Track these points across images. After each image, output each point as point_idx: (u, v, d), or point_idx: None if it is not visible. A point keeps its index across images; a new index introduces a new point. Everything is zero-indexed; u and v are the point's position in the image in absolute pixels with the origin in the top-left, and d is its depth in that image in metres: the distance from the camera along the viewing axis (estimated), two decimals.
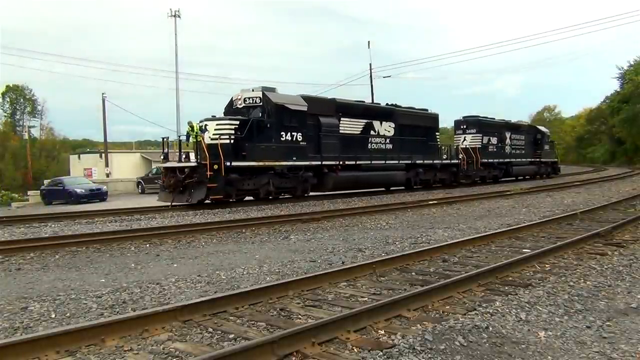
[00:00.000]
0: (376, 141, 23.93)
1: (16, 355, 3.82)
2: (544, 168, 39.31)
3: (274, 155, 18.77)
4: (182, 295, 5.87)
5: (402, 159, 24.85)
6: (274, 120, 18.95)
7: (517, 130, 36.10)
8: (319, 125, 20.90)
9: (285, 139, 19.31)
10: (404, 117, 25.75)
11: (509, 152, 34.63)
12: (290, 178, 19.69)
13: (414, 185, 25.93)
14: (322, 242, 9.84)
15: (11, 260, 8.41)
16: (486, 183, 31.44)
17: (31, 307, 5.47)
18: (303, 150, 19.95)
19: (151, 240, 10.21)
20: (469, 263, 7.37)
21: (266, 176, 18.81)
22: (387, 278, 6.53)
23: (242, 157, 17.83)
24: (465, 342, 4.05)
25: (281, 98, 19.51)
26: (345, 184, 22.23)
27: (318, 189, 21.41)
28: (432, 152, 27.09)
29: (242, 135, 17.89)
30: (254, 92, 19.33)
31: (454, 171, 28.95)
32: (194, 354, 3.96)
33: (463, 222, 12.39)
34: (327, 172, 21.05)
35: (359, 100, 24.58)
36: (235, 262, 7.87)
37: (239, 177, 17.94)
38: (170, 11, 44.95)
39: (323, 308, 5.23)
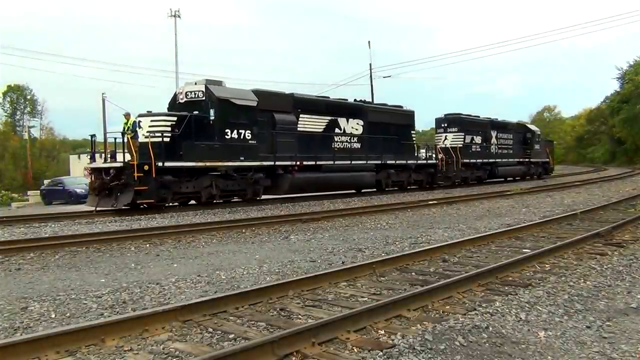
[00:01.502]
0: (341, 140, 22.40)
1: (16, 355, 3.82)
2: (534, 168, 38.04)
3: (217, 155, 17.12)
4: (182, 295, 5.87)
5: (371, 159, 23.27)
6: (218, 116, 17.30)
7: (504, 129, 34.84)
8: (273, 122, 19.32)
9: (231, 137, 17.62)
10: (375, 114, 24.19)
11: (495, 152, 33.34)
12: (237, 180, 18.09)
13: (385, 187, 24.36)
14: (322, 242, 9.84)
15: (11, 260, 8.41)
16: (469, 185, 29.96)
17: (31, 307, 5.47)
18: (253, 150, 18.26)
19: (151, 240, 10.22)
20: (469, 263, 7.37)
21: (208, 178, 17.23)
22: (387, 278, 6.53)
23: (179, 157, 16.42)
24: (465, 342, 4.05)
25: (226, 92, 17.88)
26: (304, 186, 20.48)
27: (272, 191, 19.86)
28: (406, 151, 25.52)
29: (180, 133, 16.44)
30: (196, 86, 17.76)
31: (431, 172, 27.34)
32: (194, 354, 3.96)
33: (463, 222, 12.39)
34: (281, 173, 19.46)
35: (323, 96, 23.10)
36: (235, 262, 7.88)
37: (175, 179, 16.36)
38: (170, 11, 45.03)
39: (323, 308, 5.23)
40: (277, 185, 19.52)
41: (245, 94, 18.50)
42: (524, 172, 36.55)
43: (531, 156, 37.03)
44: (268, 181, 19.18)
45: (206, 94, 17.38)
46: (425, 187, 26.84)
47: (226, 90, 17.99)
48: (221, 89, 17.82)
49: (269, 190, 19.67)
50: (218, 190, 17.51)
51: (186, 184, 16.75)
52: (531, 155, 37.03)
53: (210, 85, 17.55)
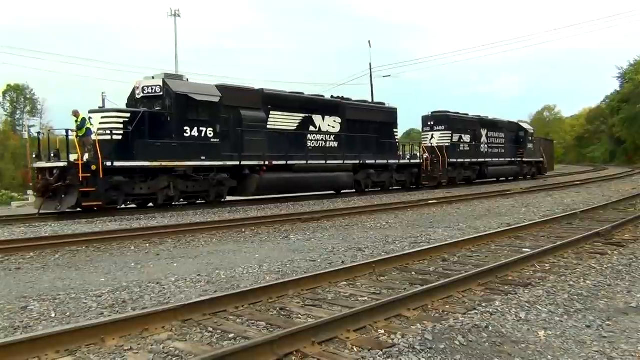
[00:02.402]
0: (316, 138, 21.08)
1: (16, 355, 3.82)
2: (527, 168, 36.85)
3: (174, 154, 15.98)
4: (182, 295, 5.87)
5: (349, 158, 22.00)
6: (176, 112, 16.14)
7: (496, 128, 33.49)
8: (240, 120, 18.05)
9: (191, 135, 16.46)
10: (354, 111, 22.94)
11: (485, 151, 31.94)
12: (198, 181, 16.91)
13: (365, 188, 23.17)
14: (322, 241, 9.84)
15: (11, 259, 8.41)
16: (456, 185, 28.81)
17: (31, 307, 5.47)
18: (215, 148, 17.10)
19: (151, 239, 10.21)
20: (469, 262, 7.37)
21: (165, 179, 16.03)
22: (387, 277, 6.53)
23: (132, 157, 15.26)
24: (465, 342, 4.05)
25: (185, 87, 16.70)
26: (273, 187, 19.29)
27: (239, 193, 18.74)
28: (388, 151, 24.16)
29: (132, 131, 15.31)
30: (154, 80, 16.53)
31: (415, 172, 26.14)
32: (194, 353, 3.96)
33: (463, 222, 12.39)
34: (248, 173, 18.25)
35: (296, 92, 21.63)
36: (235, 262, 7.88)
37: (127, 180, 15.25)
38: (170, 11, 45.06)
39: (323, 307, 5.23)
40: (243, 186, 18.40)
41: (206, 89, 17.39)
42: (517, 172, 35.44)
43: (524, 155, 35.84)
44: (234, 182, 18.08)
45: (164, 88, 16.25)
46: (410, 188, 25.76)
47: (185, 84, 16.94)
48: (180, 84, 16.74)
49: (236, 192, 18.67)
50: (177, 191, 16.38)
51: (140, 185, 15.66)
52: (524, 155, 35.85)
53: (168, 80, 16.47)
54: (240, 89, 19.03)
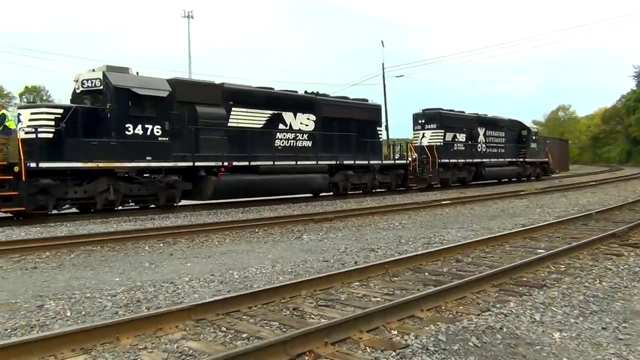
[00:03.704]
0: (286, 137, 19.46)
1: (33, 353, 3.87)
2: (530, 169, 35.00)
3: (114, 154, 14.48)
4: (196, 295, 5.90)
5: (323, 159, 20.30)
6: (116, 108, 14.66)
7: (495, 126, 31.68)
8: (195, 117, 16.52)
9: (134, 133, 14.95)
10: (330, 108, 21.22)
11: (483, 151, 30.20)
12: (144, 183, 15.46)
13: (344, 190, 21.59)
14: (335, 242, 9.84)
15: (27, 258, 8.52)
16: (450, 187, 27.45)
17: (47, 305, 5.53)
18: (164, 148, 15.57)
19: (165, 239, 10.28)
20: (483, 263, 7.32)
21: (105, 181, 14.54)
22: (400, 278, 6.51)
23: (62, 157, 13.84)
24: (479, 343, 4.03)
25: (127, 80, 15.15)
26: (234, 190, 17.72)
27: (196, 196, 17.13)
28: (370, 151, 22.51)
29: (65, 128, 13.90)
30: (94, 73, 15.10)
31: (401, 173, 24.46)
32: (208, 352, 3.98)
33: (477, 222, 12.32)
34: (204, 175, 16.61)
35: (264, 87, 19.84)
36: (248, 262, 7.90)
37: (58, 183, 13.73)
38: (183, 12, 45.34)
39: (336, 308, 5.23)
40: (199, 189, 16.80)
41: (153, 83, 15.83)
42: (518, 173, 33.59)
43: (527, 155, 34.04)
44: (187, 185, 16.52)
45: (103, 82, 14.79)
46: (395, 190, 24.21)
47: (128, 78, 15.35)
48: (122, 77, 15.20)
49: (192, 195, 17.12)
50: (118, 195, 14.90)
51: (74, 189, 14.19)
52: (527, 155, 34.05)
53: (109, 72, 14.97)
54: (195, 83, 17.49)
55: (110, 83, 14.74)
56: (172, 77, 16.86)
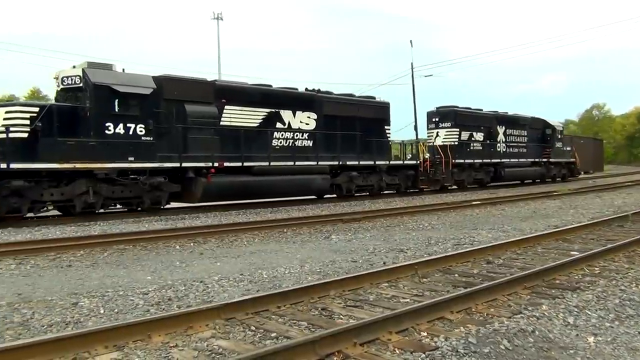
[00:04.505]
0: (285, 137, 18.55)
1: (67, 349, 3.97)
2: (555, 170, 33.19)
3: (93, 155, 13.81)
4: (225, 294, 5.96)
5: (324, 159, 19.34)
6: (95, 106, 14.05)
7: (515, 125, 30.17)
8: (184, 115, 15.74)
9: (115, 133, 14.25)
10: (333, 106, 20.22)
11: (503, 151, 28.82)
12: (127, 185, 14.70)
13: (347, 192, 20.49)
14: (363, 242, 9.82)
15: (62, 257, 8.73)
16: (466, 189, 26.06)
17: (81, 303, 5.66)
18: (148, 148, 14.83)
19: (195, 239, 10.41)
20: (514, 265, 7.21)
21: (84, 183, 13.84)
22: (429, 279, 6.46)
23: (37, 157, 13.18)
24: (511, 346, 3.96)
25: (107, 77, 14.43)
26: (225, 192, 16.77)
27: (185, 198, 16.36)
28: (376, 150, 21.36)
29: (42, 128, 13.32)
30: (74, 70, 14.48)
31: (410, 174, 23.27)
32: (237, 351, 4.01)
33: (508, 223, 12.15)
34: (193, 176, 15.78)
35: (262, 84, 19.18)
36: (277, 262, 7.94)
37: (32, 185, 13.11)
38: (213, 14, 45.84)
39: (364, 308, 5.21)
40: (188, 191, 16.00)
41: (137, 80, 15.10)
42: (541, 174, 31.79)
43: (551, 155, 32.36)
44: (175, 186, 15.73)
45: (83, 79, 14.21)
46: (405, 192, 23.24)
47: (108, 75, 14.64)
48: (102, 73, 14.46)
49: (181, 198, 16.37)
50: (98, 197, 14.16)
51: (50, 191, 13.54)
52: (551, 155, 32.38)
53: (89, 69, 14.33)
54: (185, 80, 16.59)
55: (89, 80, 14.10)
56: (161, 74, 16.00)
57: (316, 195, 20.32)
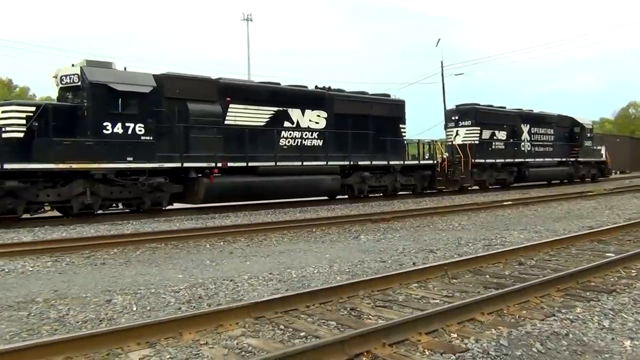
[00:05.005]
0: (292, 136, 18.01)
1: (102, 345, 4.06)
2: (584, 169, 31.77)
3: (90, 155, 13.53)
4: (255, 293, 6.00)
5: (334, 159, 18.75)
6: (92, 105, 13.77)
7: (541, 123, 29.04)
8: (186, 114, 15.38)
9: (113, 132, 13.95)
10: (344, 104, 19.64)
11: (527, 150, 27.72)
12: (126, 186, 14.34)
13: (360, 193, 19.82)
14: (393, 242, 9.77)
15: (97, 255, 8.92)
16: (488, 190, 25.27)
17: (115, 300, 5.78)
18: (147, 148, 14.48)
19: (225, 238, 10.52)
20: (547, 267, 7.08)
21: (81, 184, 13.56)
22: (459, 280, 6.39)
23: (31, 158, 12.93)
24: (544, 349, 3.89)
25: (106, 75, 14.14)
26: (229, 193, 16.25)
27: (186, 199, 15.96)
28: (390, 150, 20.57)
29: (38, 127, 13.12)
30: (72, 69, 14.21)
31: (427, 175, 22.44)
32: (267, 350, 4.04)
33: (540, 224, 11.93)
34: (195, 177, 15.41)
35: (269, 82, 18.57)
36: (306, 261, 7.96)
37: (27, 186, 12.87)
38: (242, 15, 46.20)
39: (393, 309, 5.19)
40: (191, 192, 15.58)
41: (135, 78, 14.78)
42: (569, 174, 30.55)
43: (579, 155, 30.99)
44: (177, 187, 15.35)
45: (81, 78, 13.94)
46: (421, 193, 22.52)
47: (106, 73, 14.31)
48: (100, 72, 14.17)
49: (184, 198, 15.94)
50: (96, 198, 13.83)
51: (47, 192, 13.28)
52: (579, 154, 31.01)
53: (87, 67, 14.07)
54: (187, 79, 16.09)
55: (87, 78, 13.84)
56: (164, 72, 15.70)
57: (327, 196, 19.86)
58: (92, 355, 3.95)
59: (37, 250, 9.06)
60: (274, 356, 3.61)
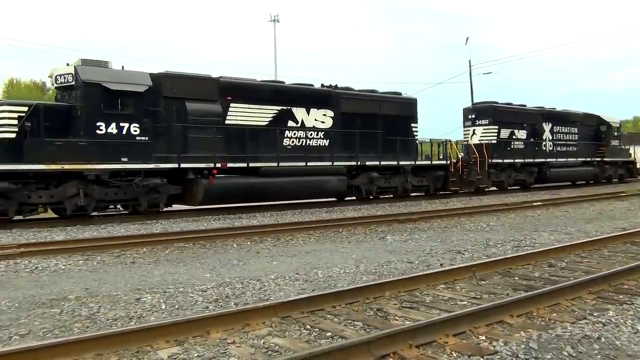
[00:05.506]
0: (297, 135, 17.50)
1: (131, 342, 4.13)
2: (610, 170, 30.43)
3: (83, 155, 13.23)
4: (281, 292, 6.03)
5: (340, 159, 18.20)
6: (85, 105, 13.48)
7: (564, 121, 27.91)
8: (184, 114, 15.00)
9: (107, 133, 13.61)
10: (350, 102, 19.01)
11: (549, 150, 26.67)
12: (122, 187, 14.00)
13: (368, 194, 19.21)
14: (419, 243, 9.70)
15: (127, 254, 9.07)
16: (506, 191, 24.42)
17: (144, 298, 5.87)
18: (143, 148, 14.11)
19: (252, 238, 10.58)
20: (578, 269, 6.94)
21: (74, 185, 13.28)
22: (487, 282, 6.31)
23: (22, 158, 12.67)
24: (574, 353, 3.81)
25: (98, 74, 13.76)
26: (230, 194, 15.84)
27: (185, 201, 15.59)
28: (400, 150, 19.79)
29: (31, 128, 12.85)
30: (67, 68, 13.92)
31: (440, 175, 21.65)
32: (293, 349, 4.05)
33: (571, 225, 11.70)
34: (194, 178, 14.99)
35: (272, 80, 18.23)
36: (332, 261, 7.96)
37: (18, 187, 12.60)
38: (270, 16, 46.46)
39: (420, 310, 5.15)
40: (190, 193, 15.19)
41: (131, 77, 14.45)
42: (594, 175, 29.33)
43: (605, 155, 29.71)
44: (175, 188, 14.97)
45: (75, 77, 13.66)
46: (434, 194, 21.78)
47: (100, 72, 13.95)
48: (93, 71, 13.83)
49: (183, 200, 15.58)
50: (90, 200, 13.52)
51: (38, 193, 13.00)
52: (605, 154, 29.71)
53: (80, 67, 13.78)
54: (186, 77, 15.63)
55: (80, 77, 13.53)
56: (163, 71, 15.43)
57: (334, 197, 19.37)
58: (122, 352, 4.02)
59: (69, 249, 9.26)
60: (300, 356, 3.62)
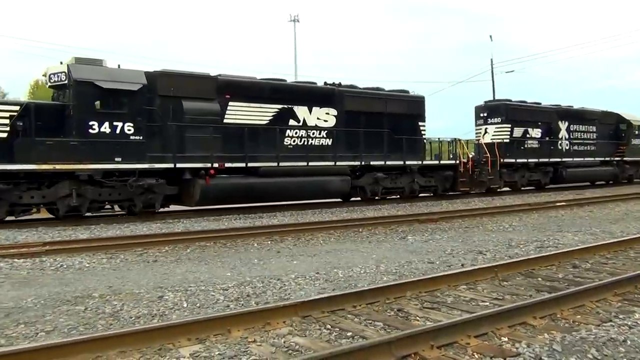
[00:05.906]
0: (298, 135, 17.04)
1: (154, 340, 4.18)
2: (631, 170, 29.40)
3: (75, 155, 13.00)
4: (302, 292, 6.04)
5: (343, 159, 17.73)
6: (78, 104, 13.22)
7: (581, 120, 26.99)
8: (181, 113, 14.63)
9: (100, 132, 13.34)
10: (355, 101, 18.44)
11: (565, 149, 25.86)
12: (116, 187, 13.76)
13: (373, 195, 18.74)
14: (440, 243, 9.63)
15: (149, 252, 9.18)
16: (520, 191, 23.68)
17: (166, 297, 5.93)
18: (137, 148, 13.83)
19: (272, 237, 10.62)
20: (603, 270, 6.82)
21: (67, 185, 13.07)
22: (510, 283, 6.24)
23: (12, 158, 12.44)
24: (600, 356, 3.75)
25: (91, 73, 13.49)
26: (228, 195, 15.55)
27: (182, 201, 15.30)
28: (407, 149, 19.20)
29: (23, 127, 12.66)
30: (60, 67, 13.71)
31: (449, 175, 20.95)
32: (313, 349, 4.06)
33: (596, 226, 11.51)
34: (190, 178, 14.67)
35: (273, 78, 17.70)
36: (353, 261, 7.95)
37: (8, 187, 12.43)
38: (290, 16, 46.56)
39: (442, 311, 5.12)
40: (186, 193, 14.92)
41: (125, 75, 14.13)
42: (613, 175, 28.36)
43: (626, 154, 28.60)
44: (171, 188, 14.68)
45: (67, 75, 13.45)
46: (443, 194, 21.07)
47: (93, 70, 13.67)
48: (85, 69, 13.57)
49: (180, 200, 15.32)
50: (83, 200, 13.29)
51: (30, 193, 12.80)
52: (626, 153, 28.61)
53: (73, 65, 13.57)
54: (182, 76, 15.31)
55: (72, 76, 13.30)
56: (161, 69, 15.24)
57: (338, 198, 18.90)
58: (145, 349, 4.07)
59: (93, 247, 9.41)
60: (320, 355, 3.62)
